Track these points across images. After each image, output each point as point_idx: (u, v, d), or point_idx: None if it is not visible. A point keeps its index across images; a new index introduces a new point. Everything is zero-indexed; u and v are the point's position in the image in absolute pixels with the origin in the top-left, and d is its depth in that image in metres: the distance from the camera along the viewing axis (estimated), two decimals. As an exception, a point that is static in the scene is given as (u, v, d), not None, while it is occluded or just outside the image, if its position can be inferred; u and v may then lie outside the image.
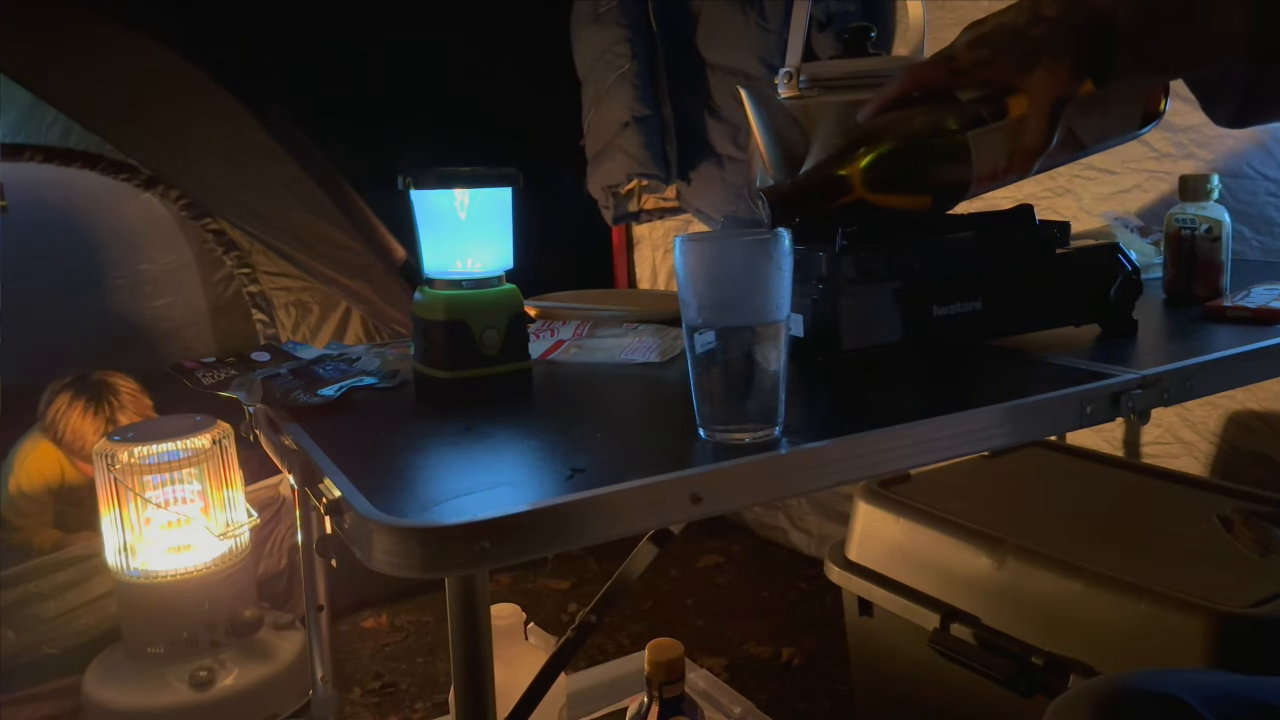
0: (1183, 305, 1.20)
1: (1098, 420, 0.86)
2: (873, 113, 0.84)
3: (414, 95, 2.91)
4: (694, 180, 2.52)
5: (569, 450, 0.79)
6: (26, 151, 2.41)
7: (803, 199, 0.85)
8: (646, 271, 3.16)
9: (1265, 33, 0.71)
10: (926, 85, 0.82)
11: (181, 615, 1.97)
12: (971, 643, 1.39)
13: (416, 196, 0.94)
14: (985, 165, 0.85)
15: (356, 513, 0.66)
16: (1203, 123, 1.70)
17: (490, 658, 0.71)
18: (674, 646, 1.15)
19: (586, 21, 2.53)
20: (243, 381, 0.98)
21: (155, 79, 2.37)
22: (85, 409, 2.37)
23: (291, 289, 2.74)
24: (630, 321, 1.19)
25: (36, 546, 2.38)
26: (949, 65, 0.80)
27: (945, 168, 0.85)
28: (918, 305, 0.92)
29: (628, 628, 2.40)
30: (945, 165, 0.85)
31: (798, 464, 0.74)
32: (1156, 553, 1.35)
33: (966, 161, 0.83)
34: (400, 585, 2.50)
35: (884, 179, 0.85)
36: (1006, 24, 0.77)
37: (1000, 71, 0.79)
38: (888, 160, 0.84)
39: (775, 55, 2.29)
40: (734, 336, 0.73)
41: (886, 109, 0.84)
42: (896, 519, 1.56)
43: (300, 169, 2.46)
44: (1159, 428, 1.82)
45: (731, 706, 1.46)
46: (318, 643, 1.30)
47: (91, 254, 3.25)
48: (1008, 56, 0.77)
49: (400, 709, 2.15)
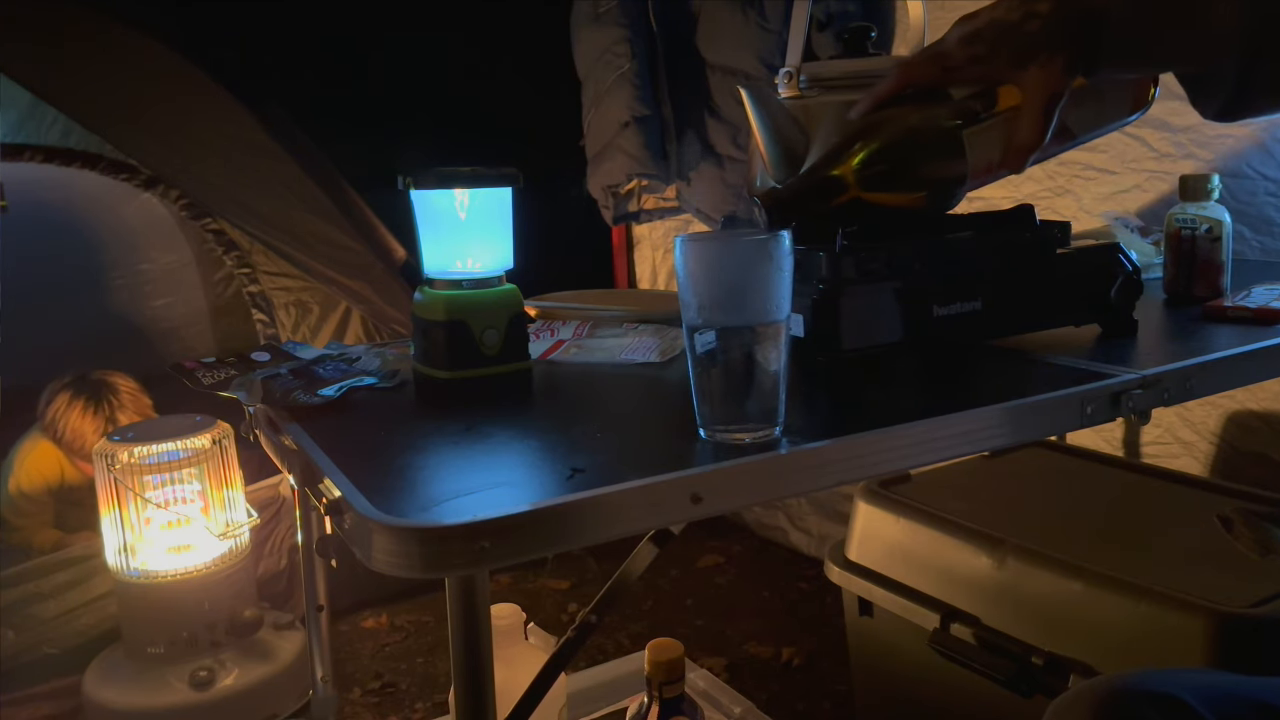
0: (1183, 305, 1.20)
1: (1098, 420, 0.86)
2: (866, 110, 0.84)
3: (414, 95, 2.91)
4: (694, 180, 2.52)
5: (569, 450, 0.79)
6: (26, 151, 2.41)
7: (799, 202, 0.85)
8: (646, 271, 3.16)
9: (1257, 29, 0.71)
10: (920, 82, 0.82)
11: (181, 615, 1.97)
12: (971, 643, 1.39)
13: (416, 196, 0.94)
14: (980, 161, 0.84)
15: (356, 513, 0.66)
16: (1202, 122, 1.70)
17: (490, 658, 0.71)
18: (674, 646, 1.15)
19: (586, 21, 2.53)
20: (243, 381, 0.98)
21: (155, 79, 2.37)
22: (85, 408, 2.37)
23: (291, 289, 2.74)
24: (630, 321, 1.19)
25: (36, 546, 2.38)
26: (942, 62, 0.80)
27: (939, 164, 0.85)
28: (918, 305, 0.92)
29: (628, 628, 2.40)
30: (939, 161, 0.85)
31: (798, 464, 0.74)
32: (1156, 553, 1.35)
33: (961, 158, 0.83)
34: (400, 585, 2.50)
35: (878, 176, 0.84)
36: (999, 20, 0.76)
37: (994, 68, 0.78)
38: (881, 157, 0.84)
39: (775, 55, 2.29)
40: (734, 336, 0.73)
41: (880, 106, 0.84)
42: (896, 519, 1.56)
43: (300, 169, 2.46)
44: (1159, 428, 1.82)
45: (731, 706, 1.46)
46: (318, 643, 1.30)
47: (91, 254, 3.25)
48: (1002, 53, 0.77)
49: (400, 709, 2.15)
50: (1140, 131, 1.80)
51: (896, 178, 0.85)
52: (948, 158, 0.84)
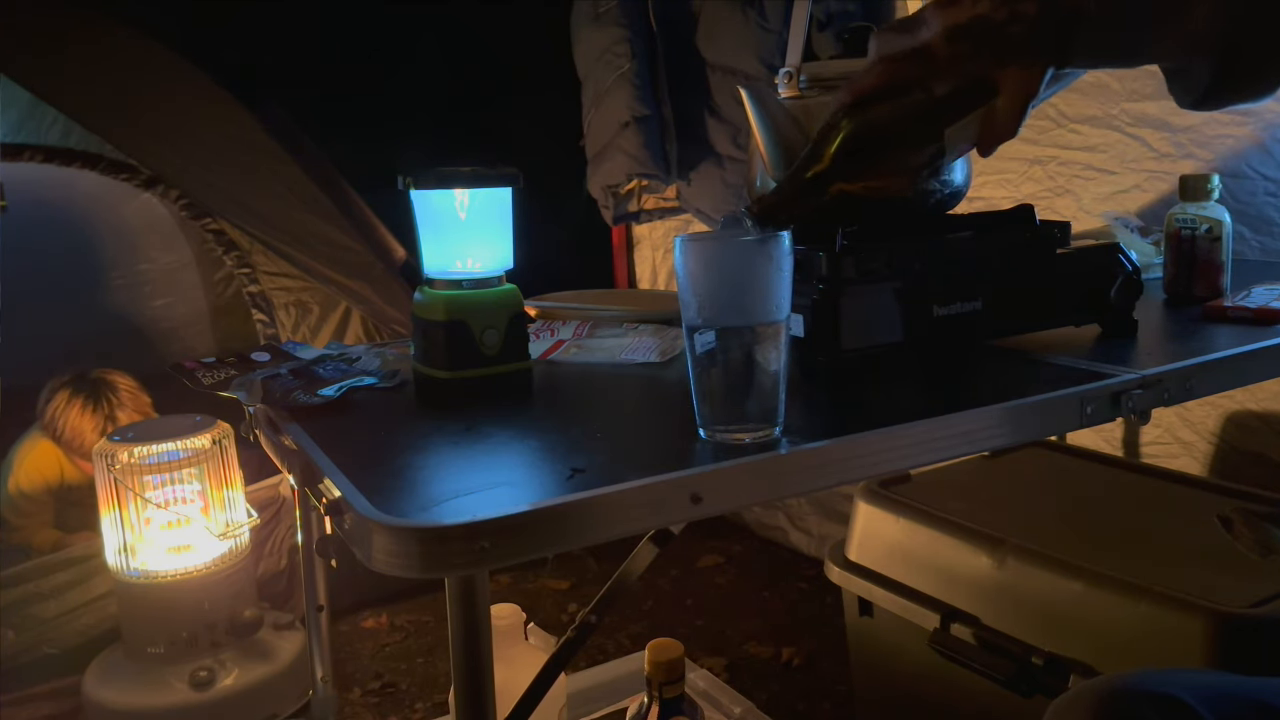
0: (1183, 305, 1.20)
1: (1098, 420, 0.86)
2: (845, 104, 0.83)
3: (414, 95, 2.91)
4: (694, 180, 2.52)
5: (569, 450, 0.79)
6: (26, 151, 2.41)
7: (786, 205, 0.84)
8: (646, 271, 3.16)
9: (1231, 29, 0.71)
10: (902, 80, 0.81)
11: (181, 615, 1.97)
12: (971, 643, 1.39)
13: (416, 196, 0.94)
14: (956, 151, 0.83)
15: (356, 513, 0.66)
16: (1203, 122, 1.71)
17: (490, 658, 0.71)
18: (674, 646, 1.15)
19: (586, 21, 2.53)
20: (243, 381, 0.98)
21: (156, 80, 2.36)
22: (84, 406, 2.37)
23: (291, 289, 2.74)
24: (630, 321, 1.19)
25: (36, 546, 2.38)
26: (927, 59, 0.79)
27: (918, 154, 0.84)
28: (918, 305, 0.92)
29: (628, 628, 2.40)
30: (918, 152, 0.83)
31: (798, 464, 0.74)
32: (1156, 553, 1.35)
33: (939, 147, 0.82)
34: (400, 585, 2.50)
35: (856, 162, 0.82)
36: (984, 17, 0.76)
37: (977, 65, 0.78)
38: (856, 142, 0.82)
39: (775, 55, 2.29)
40: (734, 336, 0.73)
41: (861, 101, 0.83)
42: (896, 519, 1.56)
43: (300, 169, 2.46)
44: (1158, 428, 1.82)
45: (731, 706, 1.46)
46: (318, 643, 1.30)
47: (91, 254, 3.25)
48: (985, 52, 0.77)
49: (400, 709, 2.15)
50: (1140, 131, 1.80)
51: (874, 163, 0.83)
52: (925, 146, 0.83)
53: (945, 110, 0.80)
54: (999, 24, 0.75)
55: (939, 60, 0.78)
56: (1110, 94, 1.83)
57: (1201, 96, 0.76)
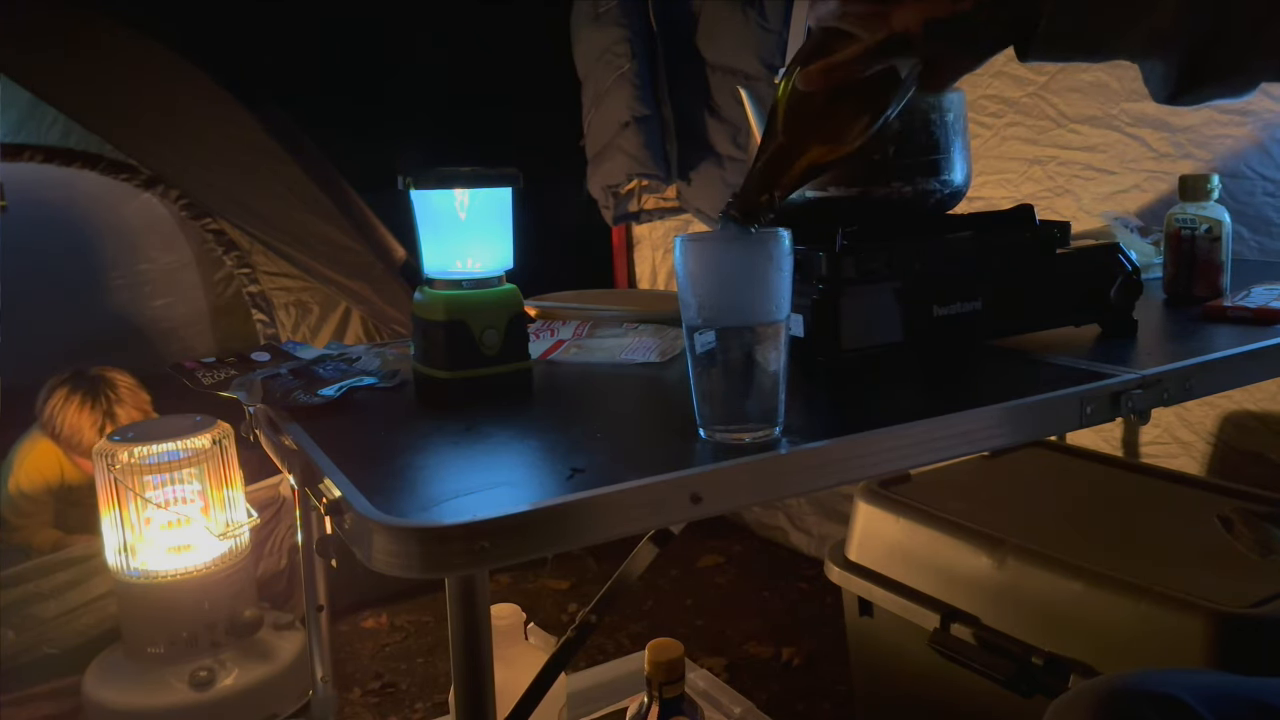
0: (1183, 305, 1.20)
1: (1098, 420, 0.86)
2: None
3: (414, 95, 2.91)
4: (694, 180, 2.52)
5: (569, 450, 0.79)
6: (26, 151, 2.41)
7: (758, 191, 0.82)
8: (646, 271, 3.16)
9: (1197, 24, 0.71)
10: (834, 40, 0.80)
11: (181, 615, 1.97)
12: (971, 643, 1.39)
13: (416, 196, 0.94)
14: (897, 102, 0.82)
15: (356, 513, 0.66)
16: (1203, 122, 1.71)
17: (490, 658, 0.71)
18: (674, 646, 1.15)
19: (586, 21, 2.53)
20: (243, 381, 0.98)
21: (155, 80, 2.36)
22: (82, 404, 2.37)
23: (291, 289, 2.74)
24: (630, 321, 1.19)
25: (36, 546, 2.38)
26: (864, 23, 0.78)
27: (857, 101, 0.81)
28: (918, 305, 0.92)
29: (628, 628, 2.40)
30: (857, 98, 0.81)
31: (798, 464, 0.74)
32: (1156, 553, 1.35)
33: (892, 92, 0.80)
34: (400, 585, 2.50)
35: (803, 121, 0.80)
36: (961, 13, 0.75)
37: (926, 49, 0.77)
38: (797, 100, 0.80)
39: (775, 55, 2.29)
40: (734, 336, 0.73)
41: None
42: (896, 519, 1.56)
43: (300, 169, 2.46)
44: (1157, 428, 1.82)
45: (731, 706, 1.46)
46: (318, 643, 1.30)
47: (91, 254, 3.25)
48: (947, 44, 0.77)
49: (400, 709, 2.15)
50: (1140, 131, 1.80)
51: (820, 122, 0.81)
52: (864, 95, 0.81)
53: (874, 57, 0.78)
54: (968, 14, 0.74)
55: (870, 20, 0.76)
56: (1110, 94, 1.83)
57: (1174, 92, 0.76)
